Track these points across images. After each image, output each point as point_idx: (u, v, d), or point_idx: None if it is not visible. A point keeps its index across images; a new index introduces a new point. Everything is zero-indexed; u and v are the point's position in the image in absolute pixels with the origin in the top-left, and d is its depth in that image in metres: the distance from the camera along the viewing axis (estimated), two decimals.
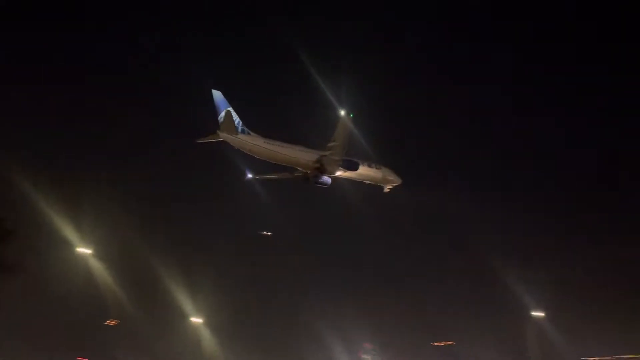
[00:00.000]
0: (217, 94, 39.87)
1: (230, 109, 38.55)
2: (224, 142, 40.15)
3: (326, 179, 44.56)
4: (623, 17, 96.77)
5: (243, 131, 39.18)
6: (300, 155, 42.54)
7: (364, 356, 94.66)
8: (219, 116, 38.44)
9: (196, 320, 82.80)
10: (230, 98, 40.37)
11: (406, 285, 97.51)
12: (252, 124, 42.99)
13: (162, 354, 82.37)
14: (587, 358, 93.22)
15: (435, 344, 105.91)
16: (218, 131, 38.35)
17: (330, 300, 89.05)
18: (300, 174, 43.90)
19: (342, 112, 39.58)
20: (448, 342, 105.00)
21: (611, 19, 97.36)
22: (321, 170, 42.55)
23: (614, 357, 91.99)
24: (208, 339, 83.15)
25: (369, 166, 46.30)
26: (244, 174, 43.98)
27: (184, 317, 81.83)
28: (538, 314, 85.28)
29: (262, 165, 46.03)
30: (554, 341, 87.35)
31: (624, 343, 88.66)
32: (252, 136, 38.85)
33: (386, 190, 48.12)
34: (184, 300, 79.12)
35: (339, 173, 43.01)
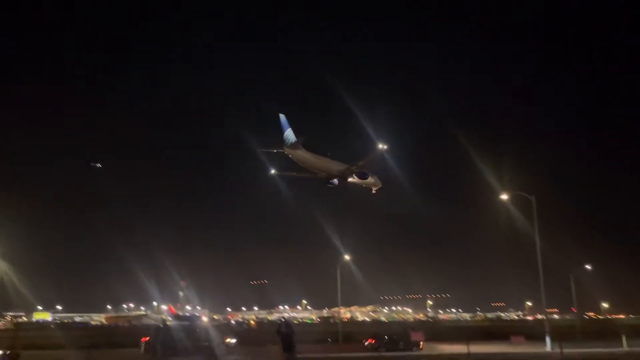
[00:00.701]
0: (282, 117, 50.07)
1: (290, 129, 49.14)
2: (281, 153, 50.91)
3: (336, 181, 51.22)
4: None
5: (297, 146, 49.64)
6: (331, 166, 51.96)
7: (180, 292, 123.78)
8: (285, 134, 48.67)
9: None
10: (290, 121, 51.61)
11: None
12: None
13: None
14: None
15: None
16: (284, 146, 48.75)
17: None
18: (322, 176, 52.85)
19: (381, 146, 48.13)
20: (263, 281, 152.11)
21: None
22: (341, 177, 52.05)
23: None
24: None
25: (371, 175, 55.25)
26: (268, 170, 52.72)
27: None
28: None
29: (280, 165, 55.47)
30: None
31: None
32: (303, 150, 48.84)
33: (374, 191, 56.29)
34: None
35: (350, 179, 52.14)
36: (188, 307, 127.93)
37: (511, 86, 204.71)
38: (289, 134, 48.11)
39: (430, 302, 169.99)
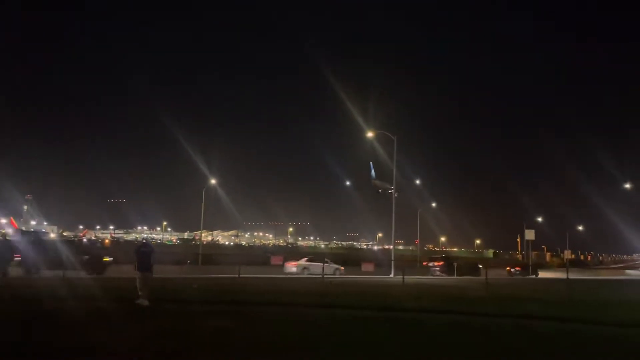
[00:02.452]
0: (371, 164, 59.86)
1: (373, 170, 59.58)
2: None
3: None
4: None
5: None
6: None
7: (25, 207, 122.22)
8: (372, 173, 59.65)
9: None
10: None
11: None
12: None
13: None
14: None
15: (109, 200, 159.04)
16: (372, 180, 59.69)
17: None
18: None
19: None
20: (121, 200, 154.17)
21: None
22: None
23: None
24: None
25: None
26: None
27: None
28: None
29: None
30: None
31: None
32: (381, 182, 57.58)
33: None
34: None
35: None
36: (33, 223, 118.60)
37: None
38: (374, 172, 59.45)
39: (291, 230, 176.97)
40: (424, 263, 51.24)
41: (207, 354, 8.00)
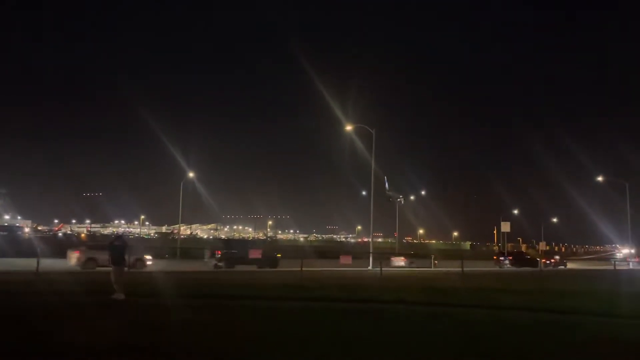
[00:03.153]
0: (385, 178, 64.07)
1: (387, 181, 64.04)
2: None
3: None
4: None
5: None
6: None
7: None
8: (386, 185, 63.93)
9: None
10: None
11: None
12: None
13: None
14: None
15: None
16: (386, 191, 64.67)
17: None
18: None
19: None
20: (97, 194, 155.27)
21: None
22: None
23: None
24: None
25: None
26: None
27: None
28: None
29: None
30: None
31: None
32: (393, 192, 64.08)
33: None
34: None
35: None
36: (7, 217, 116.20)
37: None
38: (387, 183, 64.35)
39: (270, 223, 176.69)
40: (494, 257, 55.66)
41: (180, 346, 8.02)
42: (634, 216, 60.53)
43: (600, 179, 62.60)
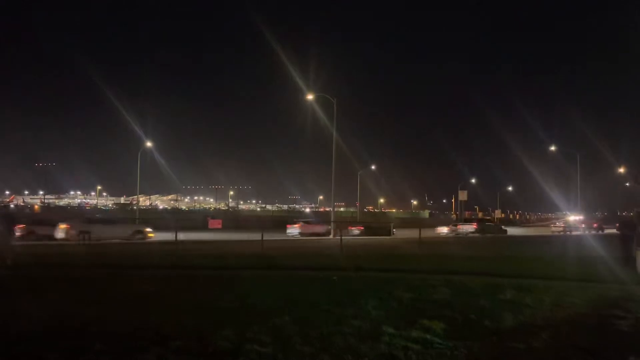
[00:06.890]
0: None
1: None
2: None
3: None
4: None
5: None
6: None
7: None
8: None
9: None
10: None
11: None
12: None
13: None
14: None
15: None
16: None
17: None
18: None
19: None
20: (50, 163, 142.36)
21: None
22: None
23: None
24: None
25: None
26: None
27: None
28: None
29: None
30: None
31: None
32: None
33: None
34: None
35: None
36: None
37: None
38: None
39: (232, 193, 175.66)
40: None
41: (125, 316, 7.96)
42: (583, 185, 63.51)
43: (552, 148, 64.97)
